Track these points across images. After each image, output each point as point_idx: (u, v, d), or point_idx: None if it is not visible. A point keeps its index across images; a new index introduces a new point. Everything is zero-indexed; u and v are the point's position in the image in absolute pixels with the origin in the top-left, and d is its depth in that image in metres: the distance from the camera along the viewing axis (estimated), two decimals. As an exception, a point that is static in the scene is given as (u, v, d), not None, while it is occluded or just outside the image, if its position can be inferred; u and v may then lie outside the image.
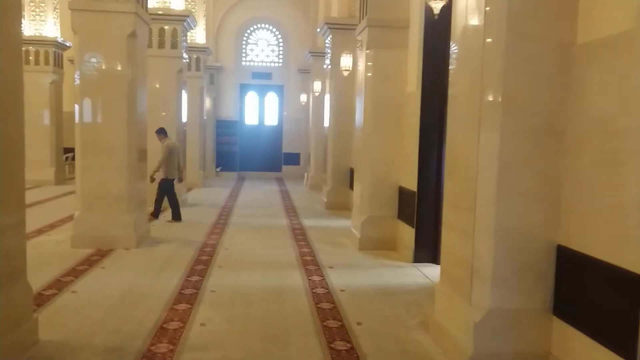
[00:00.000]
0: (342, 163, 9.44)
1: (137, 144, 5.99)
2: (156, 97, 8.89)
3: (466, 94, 3.13)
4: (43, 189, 11.00)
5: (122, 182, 5.78)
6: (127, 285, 4.47)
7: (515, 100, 2.79)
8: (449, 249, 3.41)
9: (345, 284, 4.67)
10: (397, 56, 6.01)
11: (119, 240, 5.77)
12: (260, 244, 6.36)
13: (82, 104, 5.72)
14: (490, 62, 2.86)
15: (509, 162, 2.80)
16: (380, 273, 5.13)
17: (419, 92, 5.56)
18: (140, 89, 6.09)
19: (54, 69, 11.96)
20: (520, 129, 2.80)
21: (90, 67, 5.67)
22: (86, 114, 5.73)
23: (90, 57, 5.66)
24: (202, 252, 5.77)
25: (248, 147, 16.29)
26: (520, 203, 2.84)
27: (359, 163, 6.54)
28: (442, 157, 5.42)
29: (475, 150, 2.94)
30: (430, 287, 4.63)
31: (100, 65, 5.68)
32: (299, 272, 5.06)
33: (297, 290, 4.47)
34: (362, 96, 6.34)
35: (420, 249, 5.56)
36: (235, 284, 4.62)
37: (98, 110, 5.73)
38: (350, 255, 5.88)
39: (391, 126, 6.10)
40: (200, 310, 3.90)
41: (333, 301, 4.18)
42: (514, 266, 2.87)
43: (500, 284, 2.87)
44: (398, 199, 6.16)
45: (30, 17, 11.79)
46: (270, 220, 8.12)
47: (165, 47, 8.96)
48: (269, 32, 16.18)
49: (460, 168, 3.21)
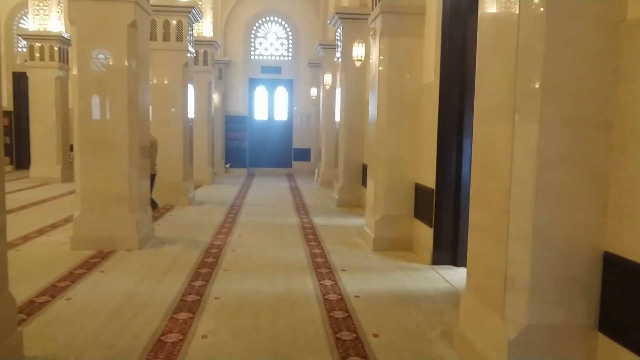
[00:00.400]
0: (354, 159, 9.11)
1: (140, 140, 5.70)
2: (161, 91, 8.62)
3: (497, 81, 2.77)
4: (49, 187, 10.81)
5: (123, 180, 5.50)
6: (126, 291, 4.18)
7: (556, 87, 2.42)
8: (477, 254, 3.05)
9: (359, 289, 4.34)
10: (413, 44, 5.64)
11: (121, 242, 5.50)
12: (269, 244, 6.05)
13: (81, 98, 5.43)
14: (526, 43, 2.50)
15: (549, 158, 2.44)
16: (397, 276, 4.79)
17: (437, 82, 5.19)
18: (142, 82, 5.80)
19: (59, 65, 11.74)
20: (561, 120, 2.44)
21: (88, 59, 5.38)
22: (85, 109, 5.44)
23: (88, 48, 5.37)
24: (208, 253, 5.47)
25: (258, 143, 16.00)
26: (561, 204, 2.48)
27: (373, 159, 6.19)
28: (462, 152, 5.07)
29: (509, 145, 2.58)
30: (451, 293, 4.28)
31: (99, 58, 5.39)
32: (310, 275, 4.73)
33: (308, 296, 4.15)
34: (376, 88, 5.98)
35: (439, 250, 5.21)
36: (241, 289, 4.31)
37: (97, 104, 5.44)
38: (363, 256, 5.54)
39: (407, 119, 5.75)
40: (203, 320, 3.59)
41: (347, 309, 3.85)
42: (554, 276, 2.52)
43: (539, 297, 2.52)
44: (414, 196, 5.81)
45: (34, 11, 11.56)
46: (280, 218, 7.81)
47: (171, 40, 8.66)
48: (278, 25, 15.84)
49: (490, 165, 2.85)
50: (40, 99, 11.70)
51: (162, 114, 8.65)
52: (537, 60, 2.43)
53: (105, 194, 5.48)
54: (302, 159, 16.06)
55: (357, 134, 9.03)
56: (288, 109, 16.15)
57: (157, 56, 8.61)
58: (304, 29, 15.62)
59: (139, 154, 5.69)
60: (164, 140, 8.65)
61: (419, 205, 5.73)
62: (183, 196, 8.78)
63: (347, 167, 9.11)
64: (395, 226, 5.81)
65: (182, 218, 7.68)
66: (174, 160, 8.71)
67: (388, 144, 5.79)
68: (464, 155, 5.07)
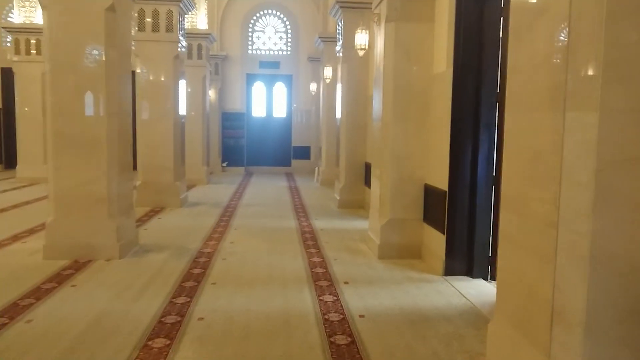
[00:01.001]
0: (356, 157, 8.55)
1: (121, 137, 5.17)
2: (150, 85, 8.07)
3: (539, 61, 2.22)
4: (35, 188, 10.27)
5: (102, 181, 4.96)
6: (97, 310, 3.64)
7: (622, 65, 1.88)
8: (511, 273, 2.51)
9: (365, 307, 3.80)
10: (423, 30, 5.08)
11: (100, 250, 4.96)
12: (264, 251, 5.50)
13: (54, 92, 4.89)
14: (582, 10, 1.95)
15: (612, 156, 1.90)
16: (406, 290, 4.25)
17: (449, 72, 4.65)
18: (124, 73, 5.25)
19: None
20: (629, 107, 1.89)
21: (61, 47, 4.84)
22: (58, 103, 4.90)
23: (61, 35, 4.82)
24: (196, 263, 4.93)
25: (256, 140, 15.43)
26: (628, 216, 1.94)
27: (377, 157, 5.64)
28: (479, 149, 4.53)
29: (558, 140, 2.04)
30: (469, 311, 3.74)
31: (72, 45, 4.84)
32: (309, 290, 4.19)
33: (306, 316, 3.61)
34: (381, 80, 5.43)
35: (453, 258, 4.67)
36: (229, 308, 3.76)
37: (72, 98, 4.90)
38: (368, 265, 5.00)
39: (415, 114, 5.20)
40: (182, 348, 3.05)
41: (350, 333, 3.31)
42: (617, 307, 1.98)
43: (597, 334, 1.98)
44: (424, 199, 5.26)
45: (20, 3, 11.01)
46: (277, 221, 7.27)
47: (160, 30, 8.11)
48: (277, 18, 15.26)
49: (530, 164, 2.31)
50: (27, 95, 11.17)
51: (151, 110, 8.11)
52: (597, 30, 1.88)
53: (82, 197, 4.94)
54: (301, 157, 15.50)
55: (360, 130, 8.49)
56: (287, 106, 15.59)
57: (146, 48, 8.09)
58: (303, 23, 15.05)
59: (121, 153, 5.15)
60: (153, 137, 8.14)
61: (429, 209, 5.18)
62: (174, 197, 8.23)
63: (349, 166, 8.57)
64: (402, 231, 5.27)
65: (172, 221, 7.14)
66: (164, 159, 8.17)
67: (394, 140, 5.24)
68: (480, 153, 4.53)
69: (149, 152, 8.18)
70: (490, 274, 4.54)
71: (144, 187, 8.18)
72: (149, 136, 8.15)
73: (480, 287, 4.32)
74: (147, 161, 8.20)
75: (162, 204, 8.17)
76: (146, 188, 8.17)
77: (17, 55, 11.15)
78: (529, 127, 2.32)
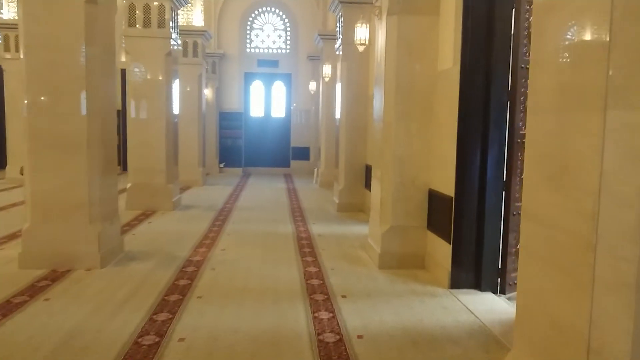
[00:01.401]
0: (356, 159, 8.20)
1: (104, 137, 4.83)
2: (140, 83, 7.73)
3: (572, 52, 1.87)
4: (24, 189, 9.91)
5: (82, 185, 4.62)
6: (68, 328, 3.29)
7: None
8: (535, 299, 2.16)
9: (364, 325, 3.45)
10: (427, 23, 4.74)
11: (80, 259, 4.62)
12: (257, 260, 5.16)
13: (29, 90, 4.56)
14: None
15: (665, 165, 1.56)
16: (409, 304, 3.91)
17: (456, 68, 4.30)
18: (106, 69, 4.91)
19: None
20: (687, 104, 1.55)
21: (37, 42, 4.50)
22: (35, 103, 4.58)
23: (37, 29, 4.48)
24: (183, 273, 4.59)
25: (254, 141, 15.10)
26: (683, 238, 1.60)
27: (379, 160, 5.29)
28: (488, 152, 4.19)
29: (597, 144, 1.70)
30: (479, 331, 3.40)
31: (50, 40, 4.50)
32: (303, 305, 3.85)
33: (299, 336, 3.26)
34: (382, 77, 5.09)
35: (459, 270, 4.32)
36: (215, 326, 3.42)
37: (49, 96, 4.57)
38: (368, 276, 4.65)
39: (419, 113, 4.85)
40: (157, 376, 2.71)
41: (347, 357, 2.97)
42: (669, 347, 1.63)
43: (644, 379, 1.64)
44: (428, 205, 4.92)
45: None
46: (273, 226, 6.92)
47: (152, 26, 7.76)
48: (276, 16, 14.93)
49: (560, 171, 1.96)
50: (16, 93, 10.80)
51: (142, 109, 7.77)
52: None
53: (61, 202, 4.60)
54: (300, 158, 15.16)
55: (360, 131, 8.14)
56: (286, 105, 15.25)
57: (137, 44, 7.75)
58: (302, 20, 14.71)
59: (103, 155, 4.81)
60: (145, 138, 7.79)
61: (433, 216, 4.84)
62: (166, 200, 7.88)
63: (349, 168, 8.22)
64: (405, 239, 4.92)
65: (162, 226, 6.80)
66: (156, 161, 7.82)
67: (396, 142, 4.90)
68: (489, 156, 4.19)
69: (140, 153, 7.83)
70: (500, 287, 4.19)
71: (134, 189, 7.84)
72: (140, 136, 7.81)
73: (490, 303, 3.97)
74: (138, 162, 7.85)
75: (154, 207, 7.82)
76: (137, 191, 7.82)
77: (7, 53, 10.80)
78: (557, 129, 1.97)
